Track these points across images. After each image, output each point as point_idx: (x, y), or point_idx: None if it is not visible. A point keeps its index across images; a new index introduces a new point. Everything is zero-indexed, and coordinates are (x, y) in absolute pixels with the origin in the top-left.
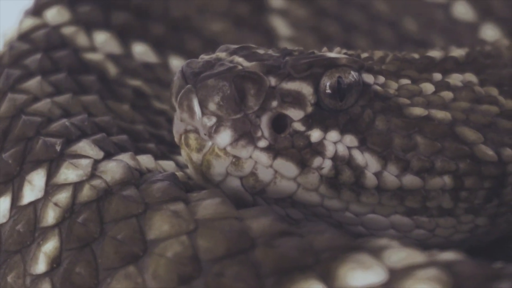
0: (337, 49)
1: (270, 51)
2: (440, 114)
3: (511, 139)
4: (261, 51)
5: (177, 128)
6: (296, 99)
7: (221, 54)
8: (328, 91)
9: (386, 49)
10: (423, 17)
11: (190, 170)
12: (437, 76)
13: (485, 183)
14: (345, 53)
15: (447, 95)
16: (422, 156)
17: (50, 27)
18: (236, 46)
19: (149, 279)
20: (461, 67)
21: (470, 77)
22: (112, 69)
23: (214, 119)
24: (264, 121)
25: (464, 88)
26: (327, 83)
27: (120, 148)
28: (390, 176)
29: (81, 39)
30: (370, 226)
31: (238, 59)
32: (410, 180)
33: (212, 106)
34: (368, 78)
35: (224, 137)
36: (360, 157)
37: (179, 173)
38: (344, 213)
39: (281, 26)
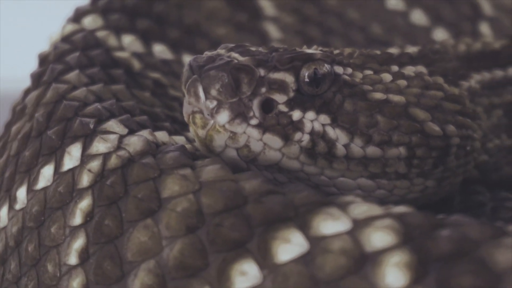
0: (315, 47)
1: (260, 49)
2: (396, 98)
3: (453, 117)
4: (253, 49)
5: (186, 109)
6: (281, 86)
7: (221, 51)
8: (307, 80)
9: (356, 48)
10: (386, 23)
11: (196, 143)
12: (395, 68)
13: (433, 153)
14: (320, 50)
15: (402, 83)
16: (381, 131)
17: (87, 31)
18: (233, 45)
19: (163, 229)
20: (414, 61)
21: (421, 69)
22: (136, 64)
23: (215, 102)
24: (255, 103)
25: (416, 78)
26: (305, 73)
27: (141, 126)
28: (356, 147)
29: (112, 41)
30: (341, 187)
31: (235, 55)
32: (372, 150)
33: (213, 92)
34: (339, 69)
35: (223, 116)
36: (332, 132)
37: (188, 146)
38: (320, 177)
39: (273, 31)
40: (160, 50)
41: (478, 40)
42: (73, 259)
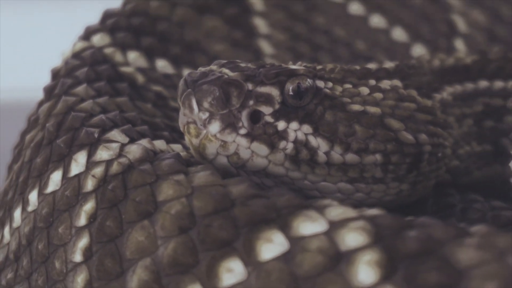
0: (299, 63)
1: (249, 65)
2: (372, 109)
3: (425, 127)
4: (243, 65)
5: (181, 120)
6: (267, 99)
7: (213, 67)
8: (291, 93)
9: (343, 64)
10: (370, 39)
11: (191, 151)
12: (372, 82)
13: (407, 159)
14: (304, 66)
15: (378, 95)
16: (359, 140)
17: (95, 48)
18: (225, 61)
19: (158, 230)
20: (390, 75)
21: (397, 82)
22: (140, 78)
23: (207, 114)
24: (244, 115)
25: (391, 91)
26: (290, 87)
27: (141, 135)
28: (336, 155)
29: (118, 57)
30: (322, 191)
31: (225, 70)
32: (351, 157)
33: (206, 105)
34: (320, 83)
35: (215, 126)
36: (314, 141)
37: (183, 153)
38: (303, 181)
39: (266, 47)
40: (162, 65)
41: (451, 56)
42: (78, 257)
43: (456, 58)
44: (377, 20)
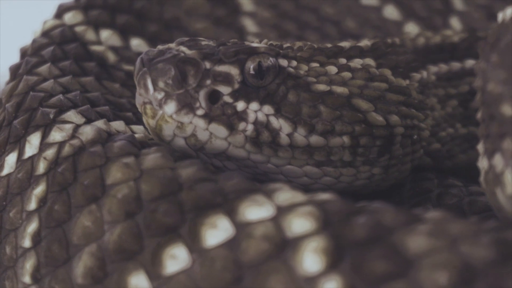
0: (265, 40)
1: (210, 42)
2: (339, 89)
3: (396, 108)
4: (203, 42)
5: (138, 100)
6: (226, 78)
7: (171, 45)
8: (252, 72)
9: (332, 42)
10: (360, 17)
11: (150, 132)
12: (342, 60)
13: (377, 142)
14: (270, 44)
15: (347, 75)
16: (325, 121)
17: (66, 26)
18: (186, 39)
19: (105, 214)
20: (364, 54)
21: (369, 61)
22: (111, 57)
23: (163, 94)
24: (201, 95)
25: (361, 70)
26: (250, 66)
27: (101, 116)
28: (300, 136)
29: (90, 35)
30: (288, 174)
31: (183, 48)
32: (315, 139)
33: (161, 84)
34: (283, 62)
35: (171, 107)
36: (275, 122)
37: (142, 135)
38: (267, 164)
39: (250, 25)
40: (137, 43)
41: (438, 34)
42: (27, 242)
43: (443, 36)
44: None
